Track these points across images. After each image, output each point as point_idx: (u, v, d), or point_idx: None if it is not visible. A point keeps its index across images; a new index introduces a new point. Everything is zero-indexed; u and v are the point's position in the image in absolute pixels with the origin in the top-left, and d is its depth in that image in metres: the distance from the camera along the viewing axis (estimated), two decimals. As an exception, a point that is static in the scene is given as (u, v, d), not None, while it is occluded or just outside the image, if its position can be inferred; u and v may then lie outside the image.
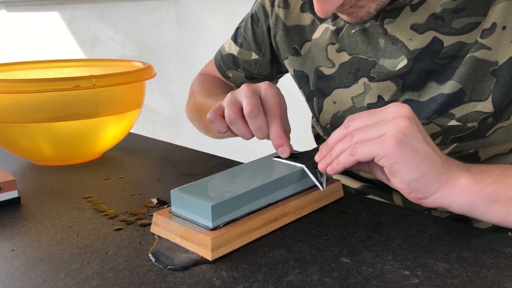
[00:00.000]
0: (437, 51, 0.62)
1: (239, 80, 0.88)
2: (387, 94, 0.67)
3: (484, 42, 0.59)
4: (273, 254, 0.47)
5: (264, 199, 0.52)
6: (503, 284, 0.42)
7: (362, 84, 0.69)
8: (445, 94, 0.62)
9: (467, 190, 0.48)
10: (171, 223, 0.50)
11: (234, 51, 0.86)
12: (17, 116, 0.71)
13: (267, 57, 0.83)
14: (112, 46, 2.57)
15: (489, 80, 0.60)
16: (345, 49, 0.70)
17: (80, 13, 2.68)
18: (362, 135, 0.49)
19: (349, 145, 0.50)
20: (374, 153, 0.47)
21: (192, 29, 2.23)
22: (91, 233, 0.53)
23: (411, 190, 0.48)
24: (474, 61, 0.60)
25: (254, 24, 0.82)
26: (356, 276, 0.43)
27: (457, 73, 0.61)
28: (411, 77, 0.64)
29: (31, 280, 0.44)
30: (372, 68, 0.67)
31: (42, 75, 0.93)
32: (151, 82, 0.83)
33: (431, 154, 0.48)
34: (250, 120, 0.58)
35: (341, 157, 0.50)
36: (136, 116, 0.83)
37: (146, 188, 0.66)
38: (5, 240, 0.52)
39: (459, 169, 0.49)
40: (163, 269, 0.45)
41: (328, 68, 0.72)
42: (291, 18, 0.76)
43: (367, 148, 0.48)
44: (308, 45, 0.75)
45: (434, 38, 0.62)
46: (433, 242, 0.49)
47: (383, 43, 0.65)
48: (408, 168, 0.47)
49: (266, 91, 0.60)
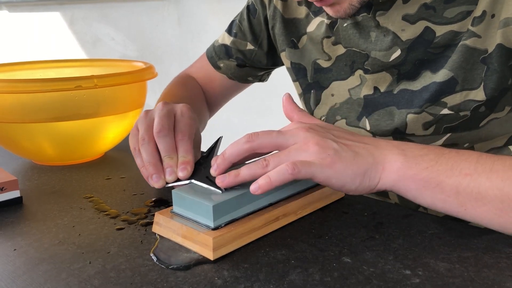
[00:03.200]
0: (429, 41, 0.63)
1: (231, 71, 0.88)
2: (383, 84, 0.68)
3: (474, 30, 0.60)
4: (274, 253, 0.47)
5: (265, 199, 0.52)
6: (504, 283, 0.42)
7: (358, 76, 0.70)
8: (437, 83, 0.63)
9: (401, 175, 0.49)
10: (173, 222, 0.50)
11: (227, 42, 0.86)
12: (19, 116, 0.71)
13: (264, 49, 0.83)
14: (114, 46, 2.57)
15: (480, 68, 0.61)
16: (340, 41, 0.71)
17: (81, 13, 2.68)
18: (277, 159, 0.48)
19: (263, 171, 0.48)
20: (314, 174, 0.47)
21: (193, 29, 2.23)
22: (92, 233, 0.53)
23: (360, 191, 0.50)
24: (465, 49, 0.60)
25: (250, 15, 0.82)
26: (357, 275, 0.43)
27: (449, 62, 0.62)
28: (405, 67, 0.65)
29: (33, 280, 0.44)
30: (366, 61, 0.68)
31: (44, 75, 0.93)
32: (152, 82, 0.83)
33: (356, 154, 0.49)
34: (158, 139, 0.57)
35: (273, 175, 0.47)
36: (137, 116, 0.83)
37: (148, 188, 0.66)
38: (7, 239, 0.52)
39: (393, 153, 0.50)
40: (164, 269, 0.45)
41: (325, 61, 0.73)
42: (289, 10, 0.77)
43: (309, 170, 0.47)
44: (304, 38, 0.75)
45: (426, 28, 0.62)
46: (434, 242, 0.49)
47: (374, 36, 0.66)
48: (349, 178, 0.48)
49: (182, 112, 0.61)
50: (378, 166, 0.49)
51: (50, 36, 2.89)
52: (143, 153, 0.58)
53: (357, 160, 0.49)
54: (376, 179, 0.49)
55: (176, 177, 0.55)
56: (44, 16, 2.88)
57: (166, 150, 0.57)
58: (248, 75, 0.88)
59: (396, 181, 0.49)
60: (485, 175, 0.47)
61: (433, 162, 0.48)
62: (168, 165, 0.55)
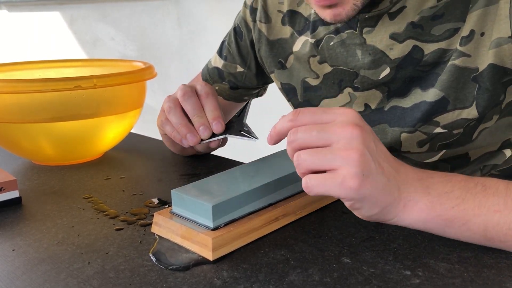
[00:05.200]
0: (418, 59, 0.61)
1: (225, 92, 0.88)
2: (374, 101, 0.67)
3: (463, 49, 0.58)
4: (273, 254, 0.47)
5: (265, 199, 0.52)
6: (504, 284, 0.42)
7: (347, 94, 0.69)
8: (428, 102, 0.62)
9: (424, 216, 0.46)
10: (172, 223, 0.50)
11: (219, 65, 0.86)
12: (18, 116, 0.71)
13: (253, 70, 0.83)
14: (114, 46, 2.57)
15: (471, 86, 0.59)
16: (326, 60, 0.69)
17: (81, 13, 2.68)
18: (308, 156, 0.44)
19: (293, 152, 0.45)
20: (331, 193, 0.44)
21: (193, 28, 2.23)
22: (92, 233, 0.53)
23: (372, 219, 0.47)
24: (455, 69, 0.59)
25: (237, 38, 0.82)
26: (357, 276, 0.43)
27: (439, 81, 0.61)
28: (395, 84, 0.64)
29: (32, 280, 0.44)
30: (355, 79, 0.67)
31: (43, 75, 0.93)
32: (152, 82, 0.83)
33: (388, 182, 0.45)
34: (184, 102, 0.61)
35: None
36: (137, 116, 0.83)
37: (147, 188, 0.66)
38: (6, 240, 0.52)
39: (417, 192, 0.46)
40: (164, 269, 0.45)
41: (313, 79, 0.72)
42: (273, 32, 0.76)
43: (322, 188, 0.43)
44: (291, 58, 0.75)
45: (414, 46, 0.61)
46: (434, 242, 0.49)
47: (360, 54, 0.65)
48: (368, 205, 0.44)
49: (202, 87, 0.65)
50: (400, 203, 0.46)
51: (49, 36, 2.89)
52: (171, 118, 0.62)
53: (385, 190, 0.45)
54: (392, 214, 0.46)
55: (210, 132, 0.58)
56: (44, 16, 2.88)
57: (193, 109, 0.61)
58: (243, 95, 0.88)
59: (417, 221, 0.46)
60: None
61: (459, 200, 0.45)
62: (199, 123, 0.60)
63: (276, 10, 0.75)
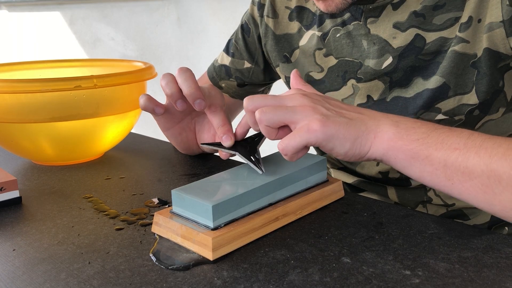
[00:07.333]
0: (420, 48, 0.64)
1: (232, 90, 0.90)
2: (376, 93, 0.69)
3: (462, 35, 0.61)
4: (274, 254, 0.47)
5: (265, 199, 0.52)
6: (504, 284, 0.42)
7: (350, 86, 0.71)
8: (430, 89, 0.64)
9: (392, 144, 0.50)
10: (172, 223, 0.50)
11: (226, 62, 0.88)
12: (18, 116, 0.71)
13: (260, 66, 0.85)
14: (114, 46, 2.57)
15: (471, 72, 0.62)
16: (332, 53, 0.72)
17: (81, 13, 2.68)
18: (271, 110, 0.50)
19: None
20: (303, 142, 0.48)
21: (193, 28, 2.23)
22: (92, 233, 0.53)
23: (350, 157, 0.51)
24: (455, 55, 0.61)
25: (245, 34, 0.84)
26: (357, 276, 0.43)
27: (440, 68, 0.63)
28: (397, 74, 0.66)
29: (32, 280, 0.44)
30: (358, 69, 0.69)
31: (43, 75, 0.93)
32: (152, 82, 0.83)
33: (350, 121, 0.50)
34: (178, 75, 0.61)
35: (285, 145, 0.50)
36: (137, 116, 0.83)
37: (147, 188, 0.66)
38: (6, 239, 0.52)
39: (386, 124, 0.50)
40: (164, 269, 0.45)
41: (317, 73, 0.74)
42: (280, 27, 0.78)
43: (294, 141, 0.49)
44: (297, 52, 0.77)
45: (417, 35, 0.63)
46: (434, 242, 0.49)
47: (366, 44, 0.67)
48: (339, 141, 0.49)
49: (209, 89, 0.65)
50: (370, 134, 0.50)
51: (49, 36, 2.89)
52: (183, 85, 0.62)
53: (349, 126, 0.49)
54: (366, 146, 0.50)
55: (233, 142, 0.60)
56: (44, 16, 2.88)
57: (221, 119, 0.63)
58: (249, 93, 0.90)
59: (386, 150, 0.50)
60: (474, 151, 0.47)
61: (425, 135, 0.49)
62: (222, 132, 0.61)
63: (283, 6, 0.78)
